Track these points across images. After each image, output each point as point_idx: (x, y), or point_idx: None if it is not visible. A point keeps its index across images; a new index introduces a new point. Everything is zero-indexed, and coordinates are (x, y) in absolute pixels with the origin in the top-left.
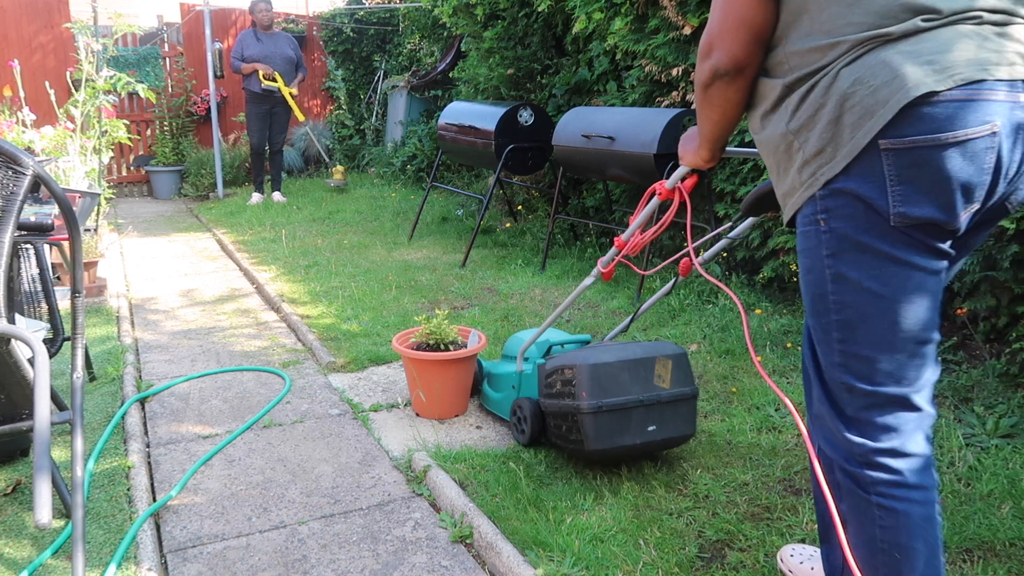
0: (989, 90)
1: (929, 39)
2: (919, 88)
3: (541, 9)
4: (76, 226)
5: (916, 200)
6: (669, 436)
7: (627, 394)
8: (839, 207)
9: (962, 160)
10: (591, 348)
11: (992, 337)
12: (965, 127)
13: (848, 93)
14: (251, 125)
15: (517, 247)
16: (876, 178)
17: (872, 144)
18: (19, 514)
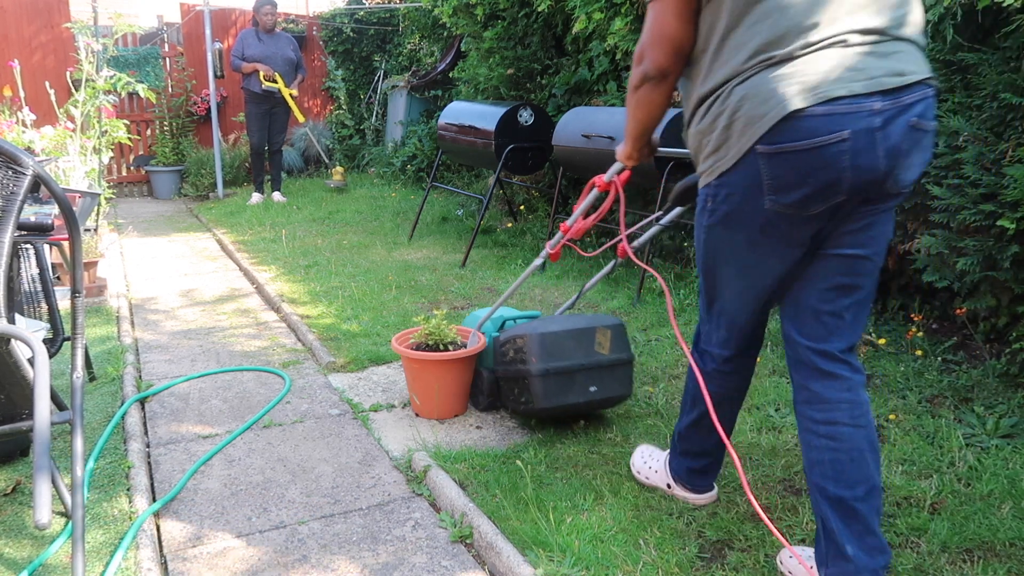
0: (845, 104)
1: (802, 63)
2: (788, 107)
3: (541, 9)
4: (76, 226)
5: (784, 191)
6: (608, 396)
7: (571, 359)
8: (724, 193)
9: (818, 161)
10: (540, 320)
11: (992, 337)
12: (819, 135)
13: (737, 106)
14: (251, 125)
15: (517, 247)
16: (755, 174)
17: (751, 149)
18: (19, 514)
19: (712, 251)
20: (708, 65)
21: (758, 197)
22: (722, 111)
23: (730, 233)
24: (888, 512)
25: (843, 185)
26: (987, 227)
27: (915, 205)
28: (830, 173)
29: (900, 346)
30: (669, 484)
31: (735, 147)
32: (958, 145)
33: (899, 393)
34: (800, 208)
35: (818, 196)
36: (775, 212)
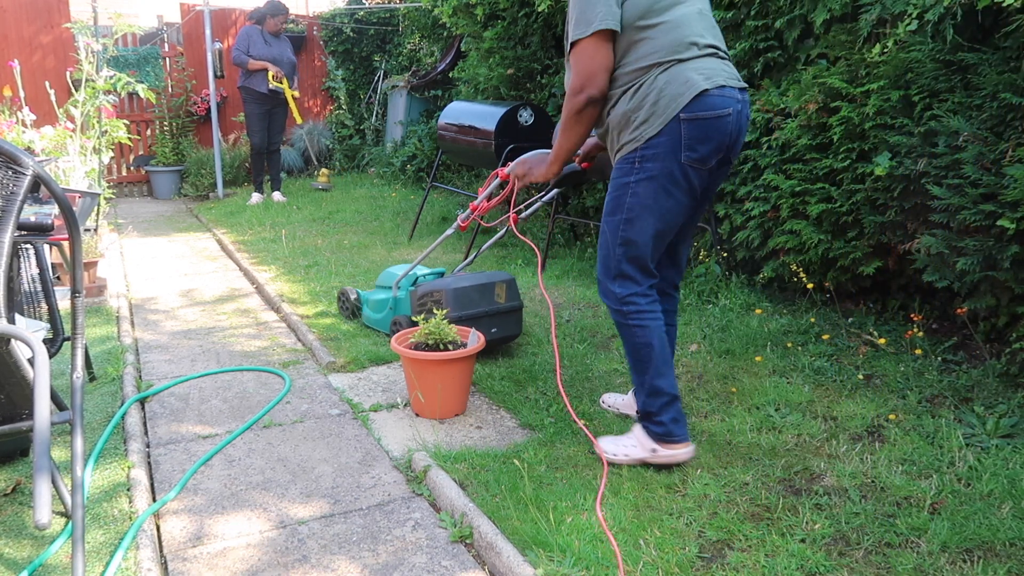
0: (728, 92)
1: (701, 62)
2: (699, 88)
3: (541, 9)
4: (76, 226)
5: (697, 147)
6: (505, 335)
7: (478, 307)
8: (651, 153)
9: (717, 125)
10: (450, 277)
11: (992, 337)
12: (718, 108)
13: (663, 88)
14: (253, 125)
15: (517, 247)
16: (675, 135)
17: (676, 117)
18: (19, 514)
19: (638, 203)
20: (628, 66)
21: (677, 153)
22: (649, 92)
23: (654, 185)
24: (888, 512)
25: (726, 143)
26: (987, 227)
27: (915, 205)
28: (722, 135)
29: (900, 346)
30: (654, 449)
31: (661, 116)
32: (958, 145)
33: (899, 393)
34: (703, 162)
35: (713, 152)
36: (687, 166)
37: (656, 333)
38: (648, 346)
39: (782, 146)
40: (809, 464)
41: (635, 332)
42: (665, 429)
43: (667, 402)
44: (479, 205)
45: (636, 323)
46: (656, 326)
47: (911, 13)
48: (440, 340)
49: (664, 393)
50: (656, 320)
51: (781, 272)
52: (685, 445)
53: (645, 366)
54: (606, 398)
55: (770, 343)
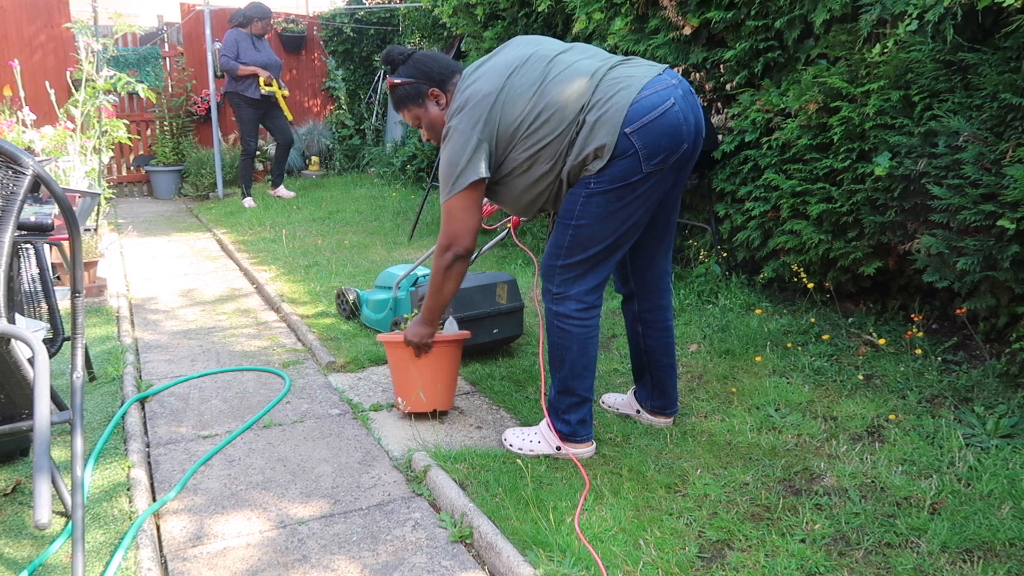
0: (655, 83)
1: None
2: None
3: (541, 9)
4: (76, 226)
5: (654, 155)
6: (507, 335)
7: (479, 308)
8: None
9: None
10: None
11: (992, 337)
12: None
13: (594, 124)
14: (247, 130)
15: (517, 247)
16: (630, 150)
17: (621, 135)
18: (19, 514)
19: (590, 213)
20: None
21: (636, 166)
22: (586, 138)
23: (607, 197)
24: (888, 512)
25: (684, 136)
26: (987, 227)
27: (915, 205)
28: (674, 125)
29: (900, 346)
30: (558, 447)
31: (608, 144)
32: (958, 145)
33: (899, 393)
34: (664, 163)
35: (674, 149)
36: (649, 174)
37: (579, 340)
38: (565, 349)
39: (782, 146)
40: (809, 464)
41: (557, 332)
42: (571, 429)
43: (577, 403)
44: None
45: (560, 325)
46: (582, 334)
47: (911, 13)
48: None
49: (576, 394)
50: (585, 330)
51: (781, 272)
52: (588, 444)
53: (559, 364)
54: (606, 398)
55: (770, 343)
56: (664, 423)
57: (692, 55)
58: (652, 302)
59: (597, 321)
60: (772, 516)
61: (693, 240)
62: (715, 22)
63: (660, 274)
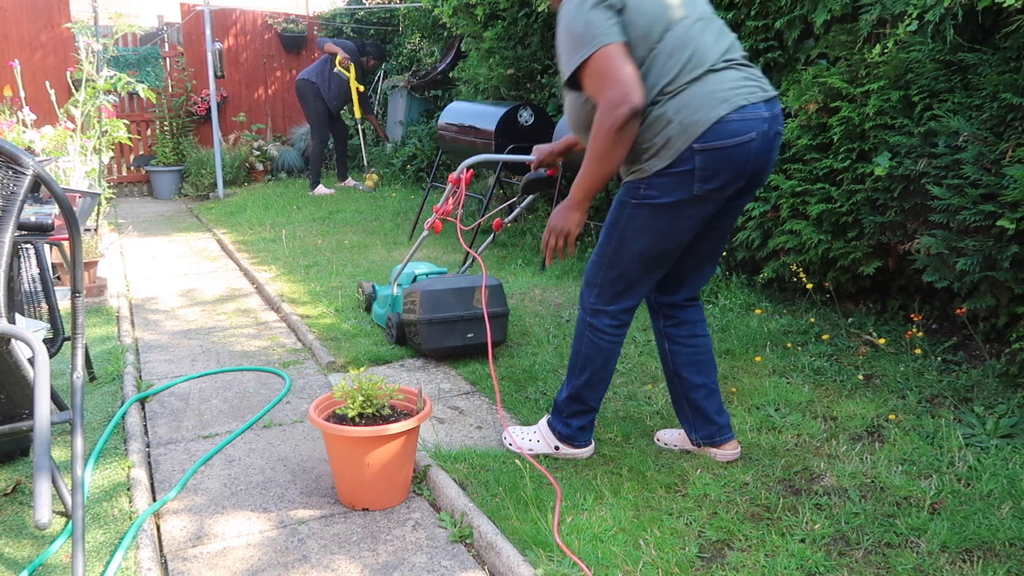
0: (749, 112)
1: (713, 82)
2: (716, 115)
3: (541, 9)
4: (76, 226)
5: (711, 178)
6: (483, 341)
7: (452, 311)
8: (657, 183)
9: (737, 154)
10: (434, 279)
11: (992, 337)
12: (738, 135)
13: (672, 118)
14: (319, 122)
15: (517, 247)
16: (689, 166)
17: (689, 148)
18: (19, 514)
19: (634, 226)
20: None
21: (688, 185)
22: (657, 123)
23: (655, 214)
24: (888, 512)
25: (747, 171)
26: (987, 227)
27: (915, 205)
28: (743, 163)
29: (900, 346)
30: (557, 447)
31: (673, 148)
32: (958, 145)
33: (899, 393)
34: (719, 191)
35: (732, 181)
36: (699, 196)
37: (604, 354)
38: (589, 360)
39: (782, 146)
40: (809, 464)
41: (586, 343)
42: (571, 433)
43: (583, 411)
44: (440, 207)
45: (591, 336)
46: (609, 349)
47: (911, 13)
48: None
49: (585, 403)
50: (612, 344)
51: (781, 272)
52: (587, 447)
53: (578, 372)
54: (661, 435)
55: (770, 343)
56: (726, 456)
57: None
58: (678, 317)
59: (624, 337)
60: (772, 516)
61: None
62: None
63: (690, 294)
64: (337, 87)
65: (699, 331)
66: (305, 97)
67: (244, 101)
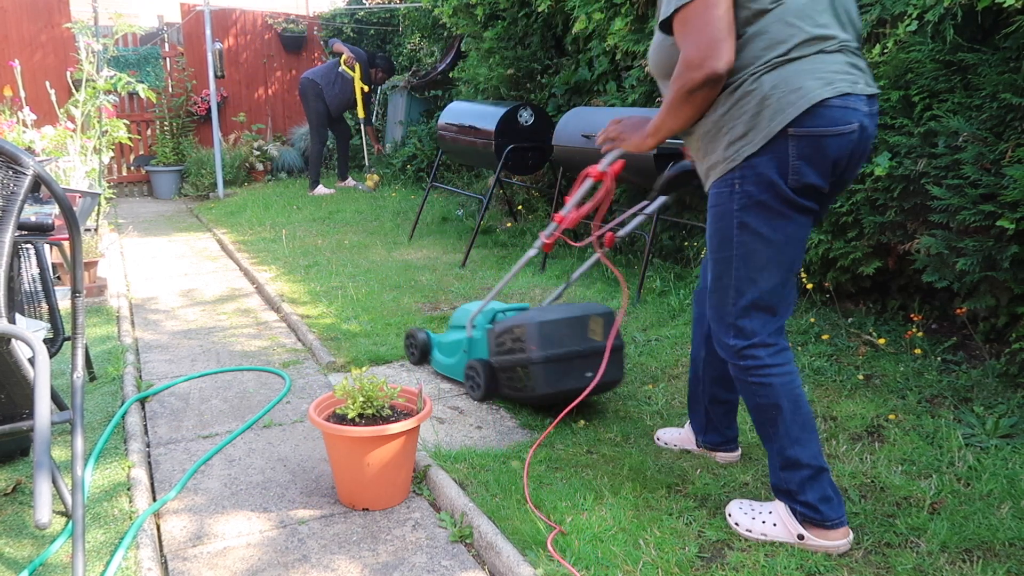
0: (852, 101)
1: (820, 61)
2: (817, 97)
3: (541, 9)
4: (76, 226)
5: (807, 171)
6: (603, 381)
7: (568, 346)
8: (750, 175)
9: (837, 145)
10: (535, 310)
11: (992, 337)
12: (840, 124)
13: (767, 94)
14: (318, 122)
15: (517, 247)
16: (783, 154)
17: (783, 131)
18: (19, 514)
19: (751, 237)
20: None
21: (783, 177)
22: (750, 98)
23: (765, 213)
24: (888, 512)
25: (841, 166)
26: (987, 227)
27: (915, 205)
28: (839, 158)
29: (900, 346)
30: (802, 535)
31: (765, 130)
32: (958, 145)
33: (899, 393)
34: (815, 187)
35: (826, 176)
36: (795, 190)
37: (785, 391)
38: (774, 407)
39: None
40: None
41: (756, 391)
42: (812, 511)
43: (809, 476)
44: (567, 216)
45: (757, 380)
46: (784, 383)
47: (911, 13)
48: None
49: (803, 465)
50: (785, 375)
51: None
52: (841, 529)
53: (772, 431)
54: (661, 434)
55: None
56: (727, 458)
57: None
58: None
59: (793, 364)
60: None
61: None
62: None
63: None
64: (341, 90)
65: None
66: (306, 97)
67: (244, 101)
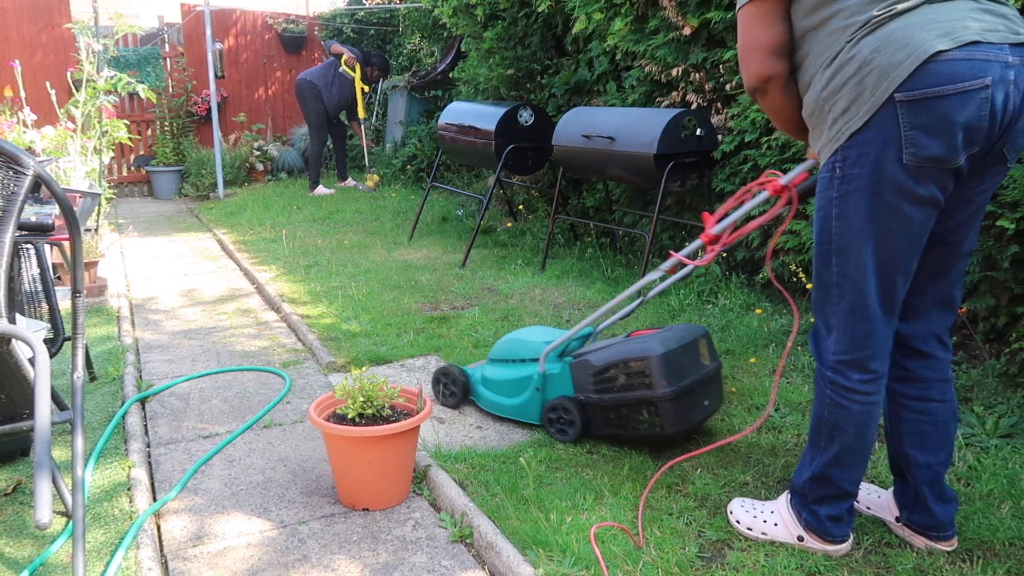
0: (983, 51)
1: (931, 11)
2: (928, 50)
3: (541, 9)
4: (76, 226)
5: (925, 142)
6: (715, 406)
7: (691, 376)
8: (855, 154)
9: (962, 107)
10: (648, 338)
11: (992, 337)
12: (964, 80)
13: (868, 59)
14: (317, 123)
15: (517, 247)
16: (892, 127)
17: (889, 99)
18: (19, 514)
19: (848, 228)
20: (821, 28)
21: (896, 153)
22: (848, 67)
23: (866, 200)
24: None
25: (983, 131)
26: (987, 227)
27: None
28: (973, 118)
29: None
30: (801, 537)
31: (868, 101)
32: None
33: None
34: (940, 162)
35: (958, 147)
36: (914, 168)
37: (858, 420)
38: (839, 429)
39: (782, 146)
40: None
41: (830, 406)
42: (818, 522)
43: (833, 496)
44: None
45: (835, 398)
46: (863, 412)
47: None
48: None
49: (834, 485)
50: (868, 405)
51: (781, 272)
52: (843, 543)
53: (825, 445)
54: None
55: (772, 343)
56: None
57: (692, 55)
58: (908, 368)
59: (882, 395)
60: None
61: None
62: (715, 22)
63: (924, 334)
64: (339, 91)
65: (934, 394)
66: (304, 97)
67: (244, 101)
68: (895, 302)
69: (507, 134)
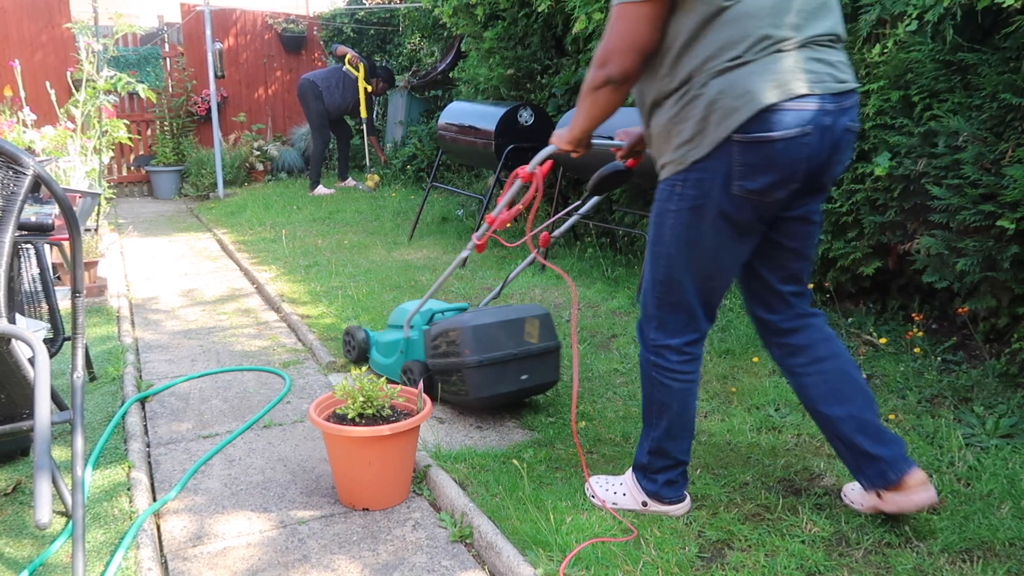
0: (809, 102)
1: (775, 62)
2: (763, 102)
3: (541, 9)
4: (76, 226)
5: (753, 176)
6: (539, 383)
7: (504, 349)
8: (694, 178)
9: (786, 151)
10: (471, 312)
11: (992, 337)
12: (788, 128)
13: (715, 99)
14: (319, 123)
15: (516, 247)
16: (727, 160)
17: (728, 138)
18: (19, 513)
19: (678, 237)
20: (673, 61)
21: (727, 183)
22: (697, 103)
23: (698, 219)
24: None
25: (799, 175)
26: (987, 227)
27: (915, 205)
28: (792, 163)
29: (900, 346)
30: (645, 502)
31: (711, 136)
32: (958, 145)
33: (899, 393)
34: (763, 195)
35: (779, 183)
36: (740, 198)
37: (680, 396)
38: (664, 406)
39: None
40: (809, 464)
41: (654, 386)
42: (656, 488)
43: (668, 466)
44: (497, 216)
45: (659, 378)
46: (683, 389)
47: (911, 13)
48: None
49: (670, 457)
50: (687, 383)
51: None
52: (680, 503)
53: (655, 422)
54: (847, 492)
55: None
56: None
57: None
58: (790, 345)
59: (698, 373)
60: (772, 516)
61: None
62: None
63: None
64: (342, 92)
65: (821, 352)
66: (306, 98)
67: (244, 101)
68: (713, 304)
69: (507, 134)
